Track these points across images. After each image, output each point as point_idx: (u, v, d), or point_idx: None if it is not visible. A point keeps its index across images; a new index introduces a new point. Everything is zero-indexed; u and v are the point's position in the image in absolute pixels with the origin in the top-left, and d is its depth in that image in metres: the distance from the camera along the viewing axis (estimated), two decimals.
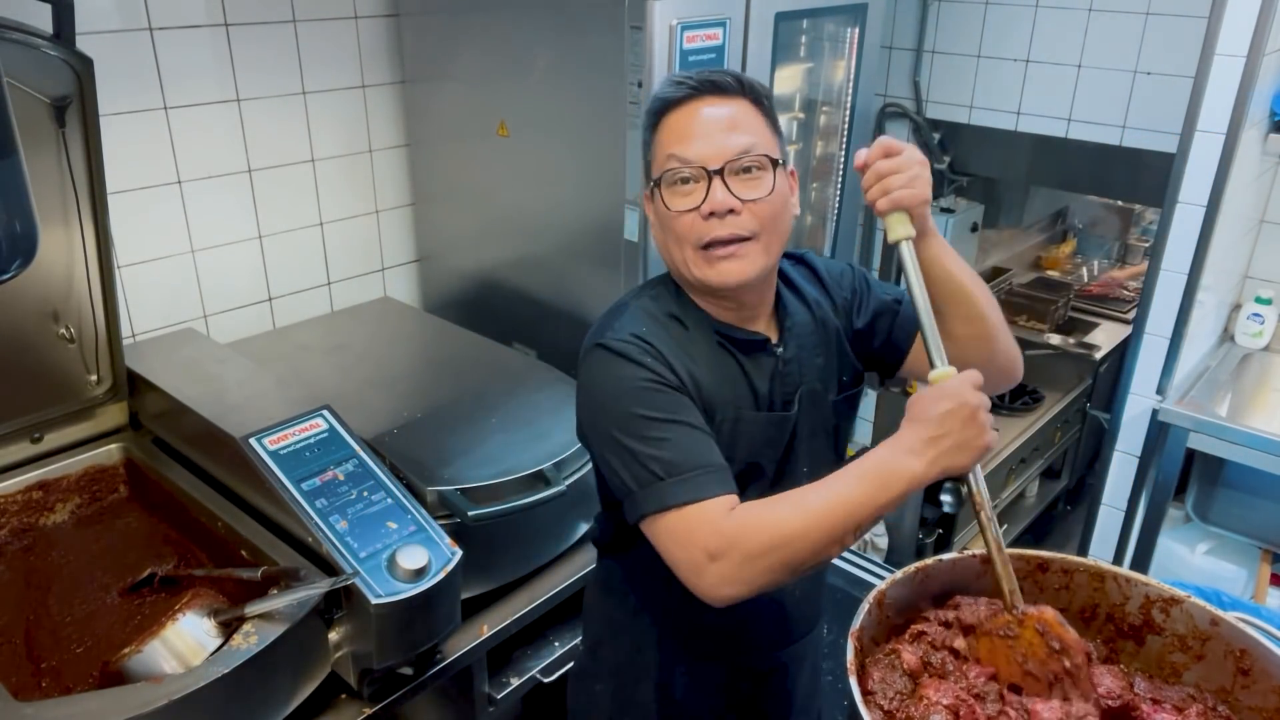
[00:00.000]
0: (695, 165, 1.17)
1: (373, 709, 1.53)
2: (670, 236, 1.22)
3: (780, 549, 1.04)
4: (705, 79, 1.20)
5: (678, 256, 1.22)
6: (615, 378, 1.18)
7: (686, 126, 1.19)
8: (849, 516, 1.04)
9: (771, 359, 1.28)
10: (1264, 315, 2.80)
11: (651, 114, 1.23)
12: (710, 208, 1.17)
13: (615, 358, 1.18)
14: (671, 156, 1.19)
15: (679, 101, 1.20)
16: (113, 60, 1.87)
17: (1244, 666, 1.04)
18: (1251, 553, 2.80)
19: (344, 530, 1.50)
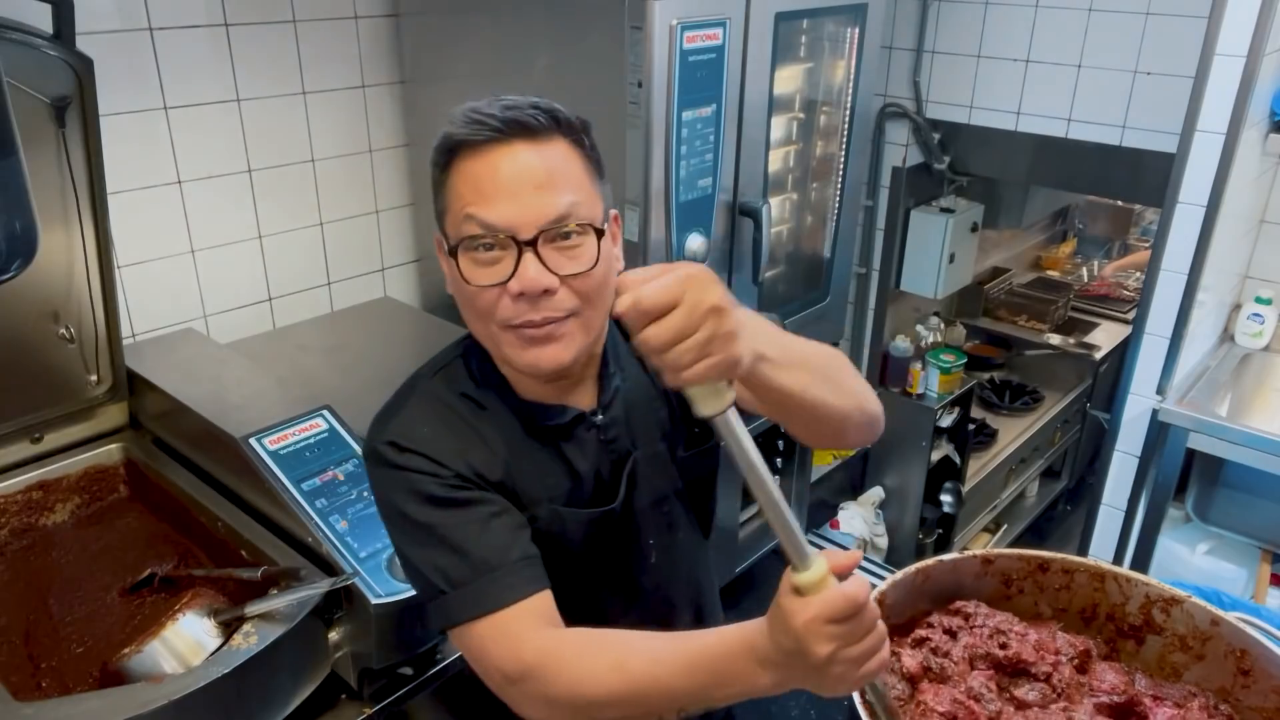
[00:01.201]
0: (501, 233, 0.97)
1: (373, 709, 1.53)
2: (470, 313, 1.03)
3: (579, 702, 0.92)
4: (512, 118, 0.99)
5: (481, 332, 1.04)
6: (386, 488, 1.04)
7: (489, 180, 0.97)
8: (671, 698, 0.89)
9: (592, 431, 1.11)
10: (1264, 315, 2.80)
11: (442, 152, 1.00)
12: (521, 287, 0.97)
13: (384, 469, 1.04)
14: (470, 218, 0.97)
15: (478, 145, 0.98)
16: (113, 60, 1.87)
17: (1244, 666, 1.04)
18: (1251, 553, 2.80)
19: (344, 530, 1.50)
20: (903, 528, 3.54)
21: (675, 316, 0.76)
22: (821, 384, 0.98)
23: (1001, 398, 3.86)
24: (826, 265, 2.60)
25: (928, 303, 3.59)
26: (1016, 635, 1.09)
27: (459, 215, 0.98)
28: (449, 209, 1.01)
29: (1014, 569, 1.18)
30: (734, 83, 2.03)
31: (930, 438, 3.33)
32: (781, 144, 2.38)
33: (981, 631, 1.09)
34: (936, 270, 3.28)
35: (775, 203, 2.35)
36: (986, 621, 1.10)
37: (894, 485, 3.54)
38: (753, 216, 2.16)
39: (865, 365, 3.56)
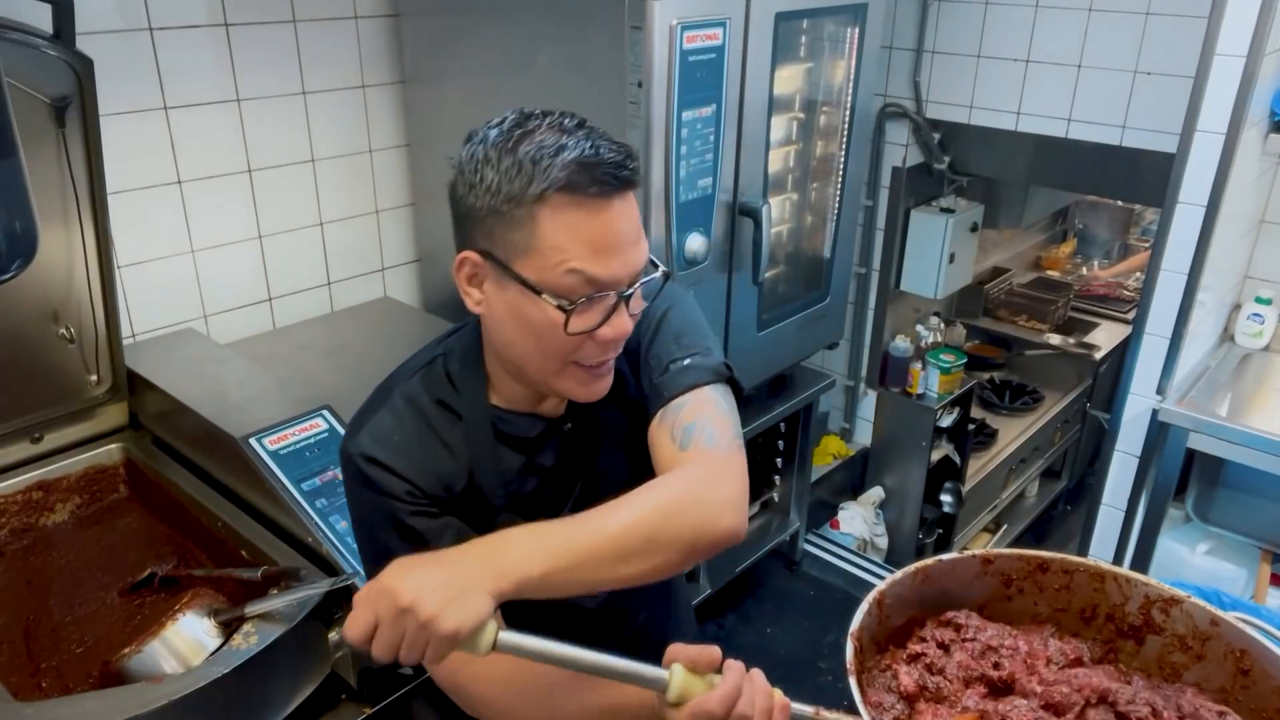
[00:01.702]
0: (611, 288, 0.98)
1: (373, 709, 1.53)
2: (538, 347, 1.02)
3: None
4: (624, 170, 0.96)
5: (539, 366, 1.04)
6: (357, 502, 1.08)
7: (603, 238, 0.96)
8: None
9: (559, 440, 1.14)
10: (1264, 315, 2.80)
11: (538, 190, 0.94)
12: (615, 335, 1.00)
13: (354, 480, 1.06)
14: (576, 273, 0.96)
15: (589, 199, 0.95)
16: (113, 60, 1.87)
17: (1244, 666, 1.04)
18: (1251, 553, 2.80)
19: (344, 530, 1.50)
20: (903, 528, 3.54)
21: (379, 633, 0.84)
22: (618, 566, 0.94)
23: (1001, 398, 3.86)
24: (826, 265, 2.60)
25: (928, 303, 3.59)
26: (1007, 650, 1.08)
27: (557, 265, 0.96)
28: (535, 249, 0.96)
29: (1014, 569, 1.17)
30: (734, 83, 2.03)
31: (930, 438, 3.33)
32: (781, 144, 2.38)
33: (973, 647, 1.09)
34: (936, 270, 3.28)
35: (775, 203, 2.35)
36: (978, 635, 1.10)
37: (894, 485, 3.54)
38: (753, 216, 2.16)
39: (865, 365, 3.56)
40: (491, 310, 1.04)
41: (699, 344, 1.13)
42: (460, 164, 1.02)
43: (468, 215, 1.01)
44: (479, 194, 0.98)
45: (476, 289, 1.05)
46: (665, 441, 1.06)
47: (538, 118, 1.00)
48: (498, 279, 1.01)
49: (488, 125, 1.02)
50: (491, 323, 1.06)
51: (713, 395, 1.09)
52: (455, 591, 0.84)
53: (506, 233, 0.97)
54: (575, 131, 0.98)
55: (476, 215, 0.99)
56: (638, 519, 0.95)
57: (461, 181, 1.01)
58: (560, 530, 0.93)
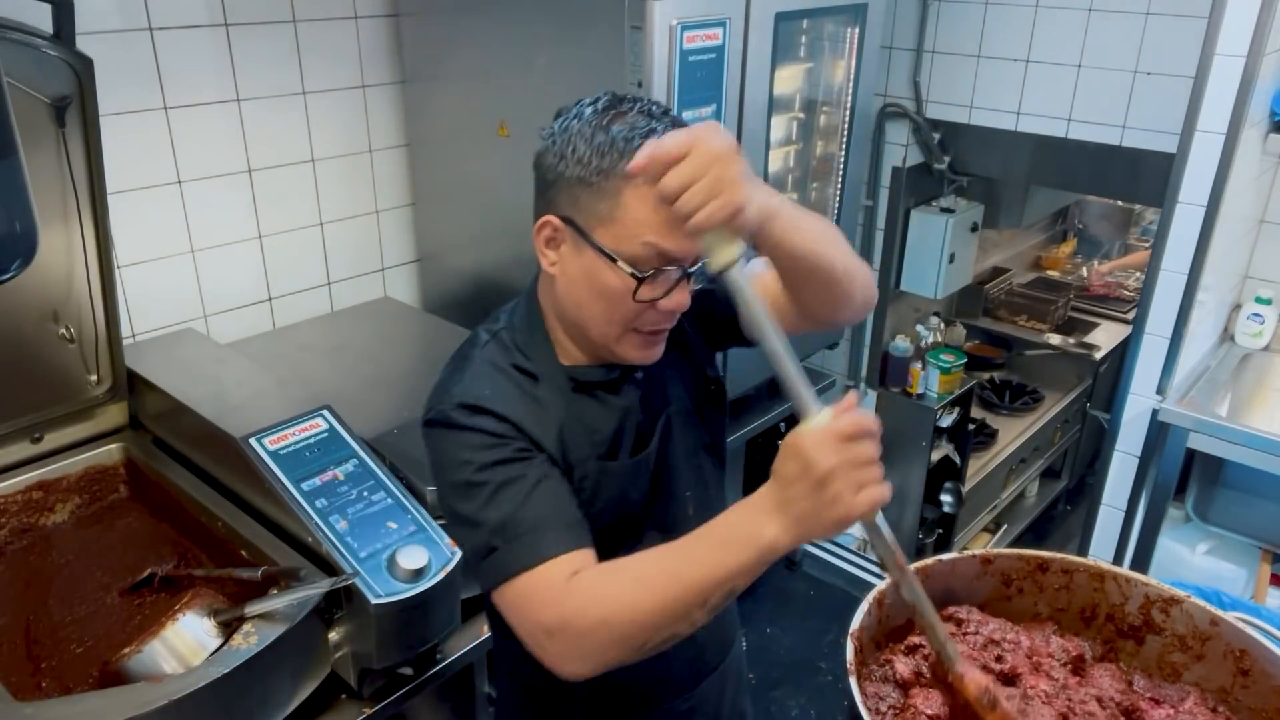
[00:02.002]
0: (679, 264, 1.07)
1: (373, 709, 1.53)
2: (605, 310, 1.10)
3: (612, 628, 0.95)
4: None
5: (603, 329, 1.12)
6: (445, 450, 1.11)
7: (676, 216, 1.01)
8: (692, 589, 0.92)
9: (633, 388, 1.20)
10: (1264, 315, 2.80)
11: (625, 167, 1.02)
12: (674, 306, 1.09)
13: (444, 430, 1.10)
14: (650, 246, 1.04)
15: None
16: (113, 60, 1.87)
17: (1244, 666, 1.04)
18: (1251, 553, 2.80)
19: (344, 530, 1.50)
20: (903, 528, 3.54)
21: (686, 162, 0.90)
22: (829, 246, 1.09)
23: (1001, 398, 3.86)
24: None
25: (928, 303, 3.59)
26: (1010, 644, 1.09)
27: (633, 237, 1.04)
28: (616, 220, 1.05)
29: (1014, 569, 1.18)
30: (734, 83, 2.03)
31: (930, 438, 3.33)
32: (781, 144, 2.38)
33: (975, 640, 1.09)
34: (936, 270, 3.28)
35: None
36: (980, 629, 1.10)
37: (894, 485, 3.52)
38: None
39: (865, 365, 3.56)
40: (565, 272, 1.11)
41: None
42: (553, 135, 1.09)
43: (555, 182, 1.08)
44: (569, 164, 1.06)
45: (553, 251, 1.12)
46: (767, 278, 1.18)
47: (629, 102, 1.08)
48: (575, 244, 1.09)
49: (581, 104, 1.10)
50: (564, 284, 1.13)
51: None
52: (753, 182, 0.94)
53: (592, 202, 1.05)
54: (662, 118, 1.07)
55: (564, 183, 1.07)
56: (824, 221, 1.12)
57: (552, 151, 1.08)
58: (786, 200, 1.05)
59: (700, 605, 0.93)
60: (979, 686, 0.97)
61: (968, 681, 0.97)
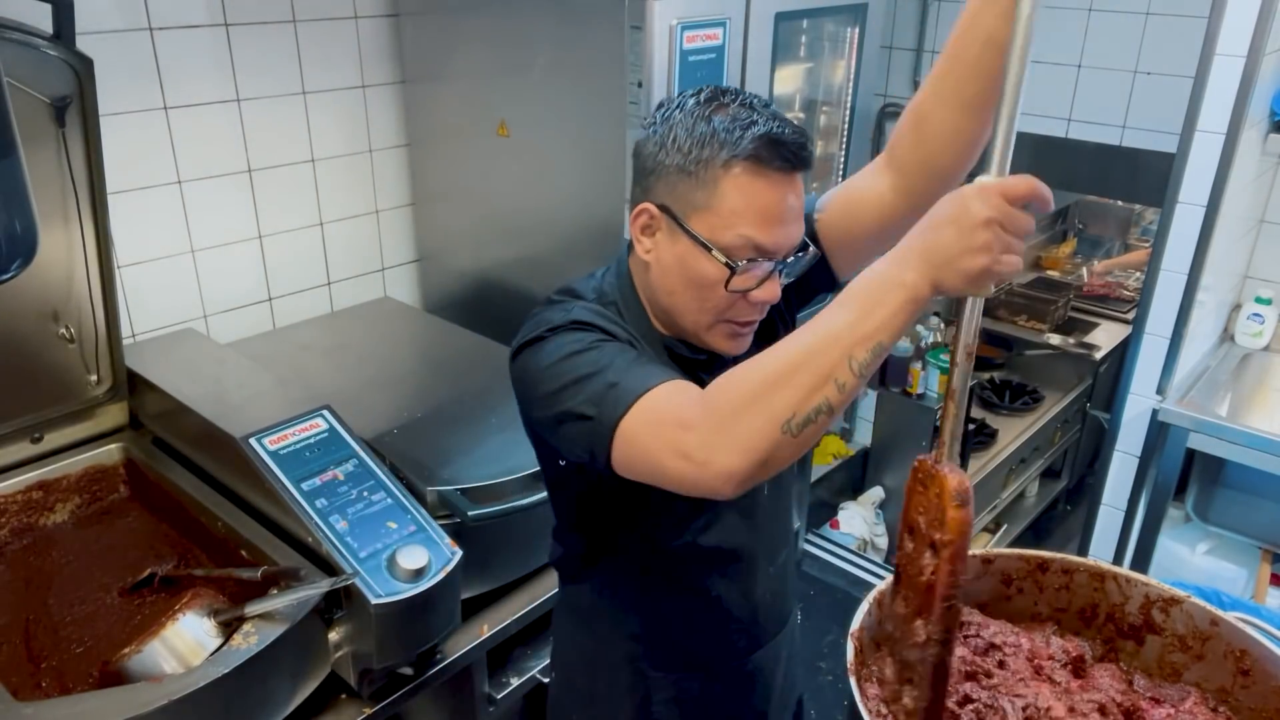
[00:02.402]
0: (772, 256, 1.08)
1: (373, 709, 1.53)
2: (697, 299, 1.11)
3: (762, 398, 0.89)
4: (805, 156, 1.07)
5: (693, 317, 1.14)
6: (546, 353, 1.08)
7: (774, 209, 1.06)
8: (836, 345, 0.87)
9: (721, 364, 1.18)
10: (1264, 315, 2.80)
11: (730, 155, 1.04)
12: (766, 298, 1.10)
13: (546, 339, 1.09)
14: (745, 239, 1.06)
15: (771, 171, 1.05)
16: (113, 60, 1.87)
17: (1244, 666, 1.04)
18: (1251, 553, 2.80)
19: (344, 530, 1.50)
20: None
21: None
22: None
23: (1001, 398, 3.86)
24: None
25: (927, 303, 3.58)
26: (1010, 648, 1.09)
27: (730, 227, 1.06)
28: (713, 209, 1.06)
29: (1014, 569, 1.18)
30: (734, 83, 2.02)
31: (930, 438, 3.33)
32: None
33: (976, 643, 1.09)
34: None
35: None
36: (981, 633, 1.10)
37: (894, 485, 3.54)
38: None
39: None
40: (659, 259, 1.13)
41: None
42: (654, 123, 1.12)
43: (654, 170, 1.10)
44: (669, 152, 1.08)
45: (648, 238, 1.13)
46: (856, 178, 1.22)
47: (731, 94, 1.11)
48: (671, 231, 1.10)
49: (684, 95, 1.12)
50: (657, 270, 1.14)
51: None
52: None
53: (690, 191, 1.07)
54: (763, 110, 1.08)
55: (663, 171, 1.09)
56: None
57: (653, 140, 1.10)
58: None
59: (845, 361, 0.87)
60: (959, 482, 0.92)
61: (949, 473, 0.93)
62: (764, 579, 1.33)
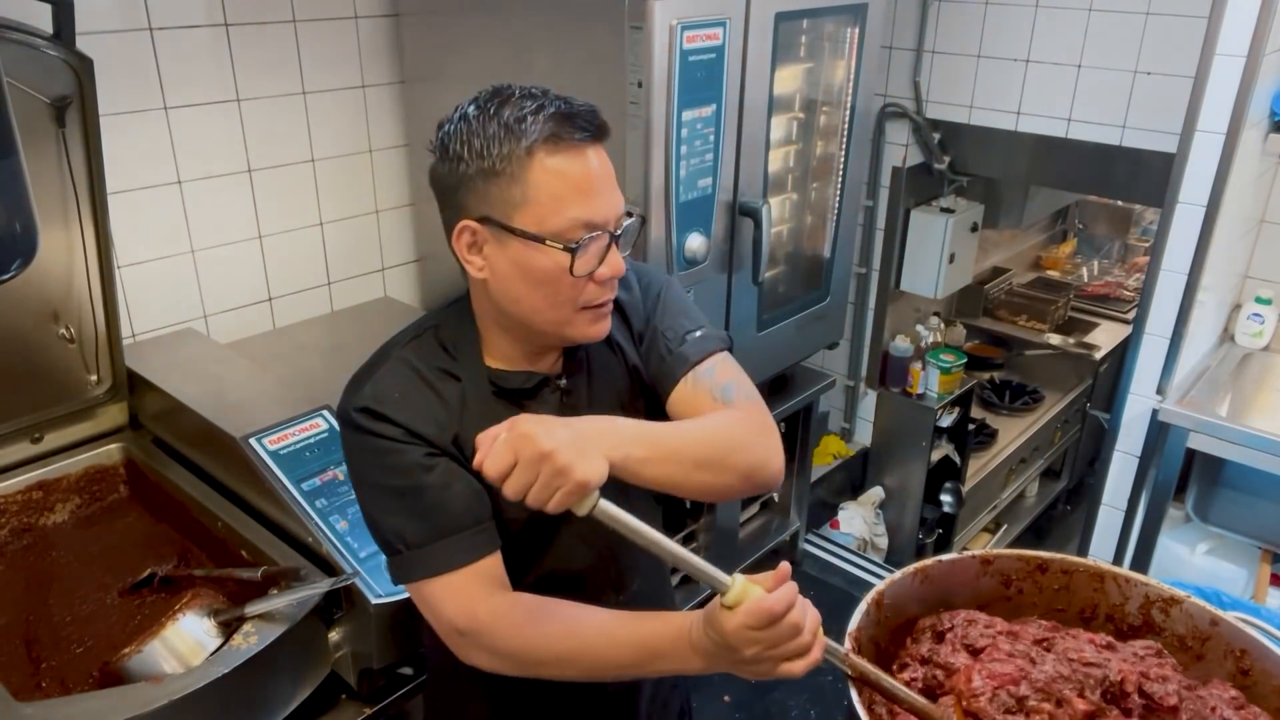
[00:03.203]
0: (600, 230, 1.06)
1: (373, 709, 1.53)
2: (550, 296, 1.08)
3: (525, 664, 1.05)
4: (597, 121, 1.07)
5: (549, 316, 1.10)
6: (356, 456, 1.12)
7: (589, 181, 1.06)
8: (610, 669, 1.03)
9: (555, 394, 1.19)
10: (1264, 315, 2.80)
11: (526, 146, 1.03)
12: (611, 272, 1.09)
13: (348, 431, 1.12)
14: (574, 220, 1.05)
15: (570, 146, 1.05)
16: (113, 60, 1.87)
17: (1244, 666, 1.04)
18: (1251, 553, 2.80)
19: (344, 530, 1.50)
20: (903, 528, 3.54)
21: (515, 474, 0.92)
22: (693, 471, 1.06)
23: (1001, 398, 3.86)
24: (826, 265, 2.60)
25: (928, 303, 3.59)
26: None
27: (555, 214, 1.05)
28: (531, 200, 1.05)
29: (1013, 569, 1.18)
30: (734, 83, 2.03)
31: (930, 438, 3.33)
32: (781, 144, 2.38)
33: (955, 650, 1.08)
34: (936, 270, 3.28)
35: (775, 203, 2.35)
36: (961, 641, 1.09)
37: (894, 485, 3.54)
38: (753, 216, 2.16)
39: (865, 365, 3.56)
40: (495, 271, 1.10)
41: (700, 317, 1.26)
42: (443, 141, 1.08)
43: (459, 185, 1.07)
44: (469, 161, 1.05)
45: (477, 255, 1.10)
46: (705, 400, 1.17)
47: (508, 89, 1.09)
48: (498, 239, 1.07)
49: (459, 108, 1.10)
50: (496, 284, 1.10)
51: (731, 360, 1.23)
52: (584, 448, 0.93)
53: (502, 191, 1.05)
54: (546, 94, 1.08)
55: (468, 182, 1.06)
56: (714, 438, 1.08)
57: (447, 158, 1.08)
58: (654, 427, 1.06)
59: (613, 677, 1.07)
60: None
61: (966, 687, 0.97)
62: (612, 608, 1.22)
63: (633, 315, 1.24)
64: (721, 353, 1.22)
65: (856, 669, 0.98)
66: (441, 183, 1.10)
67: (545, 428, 0.92)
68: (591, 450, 0.94)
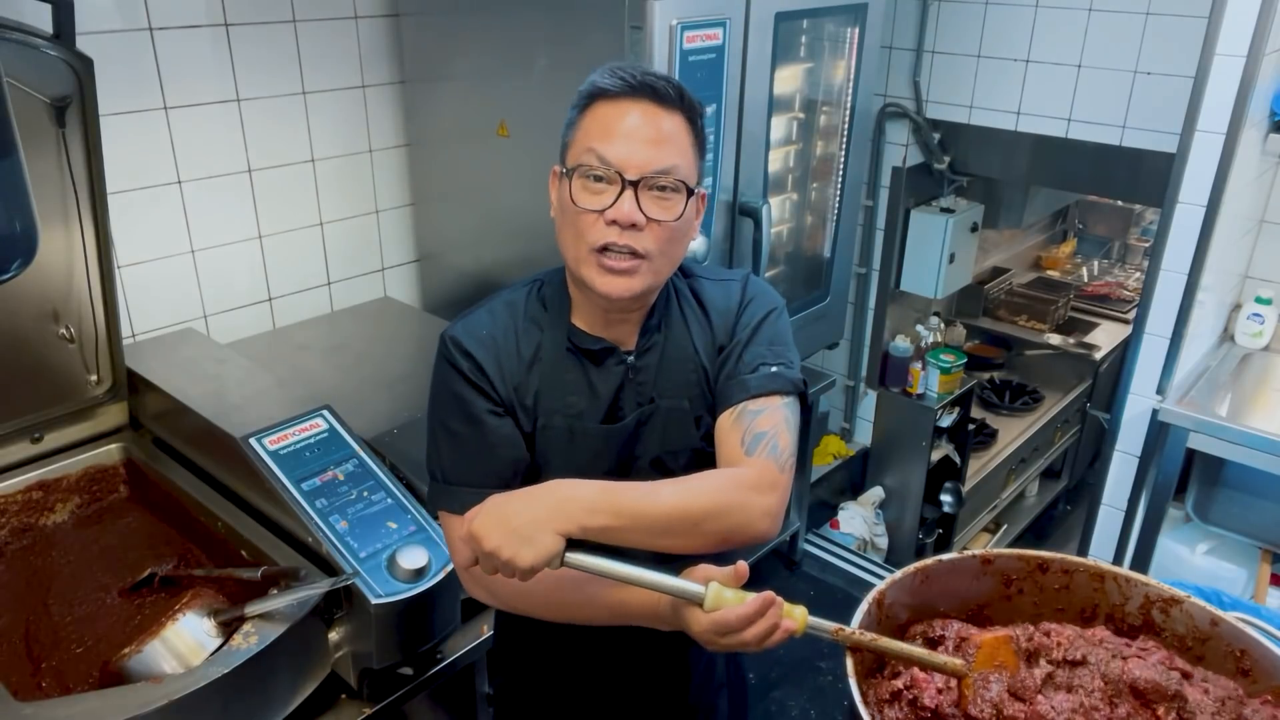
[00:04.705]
0: (612, 169, 1.13)
1: (373, 709, 1.53)
2: (569, 228, 1.18)
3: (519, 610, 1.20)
4: (646, 82, 1.15)
5: (571, 251, 1.19)
6: (437, 376, 1.24)
7: (613, 124, 1.14)
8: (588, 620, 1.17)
9: (620, 367, 1.24)
10: (1264, 315, 2.80)
11: (583, 96, 1.18)
12: (614, 216, 1.13)
13: (440, 357, 1.23)
14: (590, 151, 1.14)
15: (613, 95, 1.15)
16: (113, 60, 1.87)
17: (1244, 666, 1.04)
18: (1251, 553, 2.80)
19: (344, 530, 1.50)
20: (903, 528, 3.54)
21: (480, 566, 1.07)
22: (660, 537, 1.09)
23: (1001, 398, 3.86)
24: (826, 265, 2.60)
25: (928, 303, 3.59)
26: None
27: (582, 147, 1.15)
28: (574, 143, 1.17)
29: (1013, 569, 1.18)
30: (734, 83, 2.03)
31: (930, 438, 3.33)
32: (781, 144, 2.38)
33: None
34: (936, 270, 3.28)
35: (775, 203, 2.35)
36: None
37: (894, 485, 3.54)
38: (753, 216, 2.16)
39: (865, 365, 3.56)
40: (552, 208, 1.22)
41: (786, 355, 1.27)
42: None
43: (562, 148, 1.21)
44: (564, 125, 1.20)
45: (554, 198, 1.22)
46: (734, 441, 1.19)
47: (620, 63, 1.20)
48: (559, 181, 1.20)
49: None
50: (555, 220, 1.22)
51: (785, 410, 1.22)
52: (530, 533, 1.02)
53: (566, 136, 1.20)
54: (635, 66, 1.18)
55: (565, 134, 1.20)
56: (689, 506, 1.10)
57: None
58: (622, 492, 1.08)
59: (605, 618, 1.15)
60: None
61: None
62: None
63: (719, 325, 1.28)
64: (781, 397, 1.22)
65: (849, 640, 1.02)
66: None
67: (493, 521, 1.03)
68: (540, 533, 1.03)
